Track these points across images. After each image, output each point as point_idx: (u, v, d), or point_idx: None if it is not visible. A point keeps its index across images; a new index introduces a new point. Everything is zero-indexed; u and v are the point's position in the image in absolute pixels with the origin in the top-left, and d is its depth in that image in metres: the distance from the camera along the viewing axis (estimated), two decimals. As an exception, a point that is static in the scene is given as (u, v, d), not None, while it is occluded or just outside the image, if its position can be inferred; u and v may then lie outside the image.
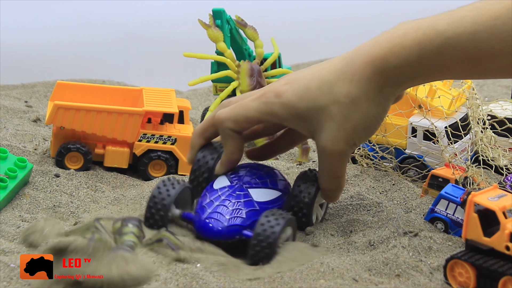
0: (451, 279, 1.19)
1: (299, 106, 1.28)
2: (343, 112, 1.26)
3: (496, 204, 1.16)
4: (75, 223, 1.43)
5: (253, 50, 1.93)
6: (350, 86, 1.25)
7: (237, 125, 1.33)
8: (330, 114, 1.26)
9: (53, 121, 1.60)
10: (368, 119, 1.27)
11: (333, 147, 1.27)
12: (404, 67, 1.23)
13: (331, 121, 1.26)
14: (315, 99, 1.27)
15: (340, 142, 1.27)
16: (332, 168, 1.31)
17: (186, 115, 1.74)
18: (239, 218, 1.30)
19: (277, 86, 1.31)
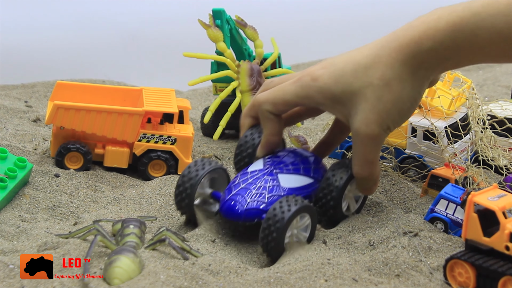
0: (451, 279, 1.19)
1: (334, 90, 1.30)
2: (376, 94, 1.27)
3: (496, 204, 1.16)
4: (74, 223, 1.43)
5: (253, 50, 1.93)
6: (385, 68, 1.27)
7: (275, 108, 1.36)
8: (364, 97, 1.28)
9: (53, 121, 1.60)
10: (402, 101, 1.28)
11: (366, 129, 1.28)
12: (438, 49, 1.25)
13: (365, 103, 1.28)
14: (350, 83, 1.29)
15: (373, 124, 1.28)
16: (364, 152, 1.32)
17: (186, 115, 1.74)
18: (260, 202, 1.32)
19: (314, 70, 1.33)
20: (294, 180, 1.36)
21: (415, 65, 1.26)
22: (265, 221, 1.27)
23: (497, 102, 1.73)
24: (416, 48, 1.25)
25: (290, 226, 1.28)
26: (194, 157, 1.76)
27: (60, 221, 1.44)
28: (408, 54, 1.26)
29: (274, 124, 1.38)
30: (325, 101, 1.32)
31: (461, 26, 1.23)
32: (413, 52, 1.26)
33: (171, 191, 1.57)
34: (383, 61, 1.28)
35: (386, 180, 1.59)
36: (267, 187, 1.34)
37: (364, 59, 1.30)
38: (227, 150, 1.82)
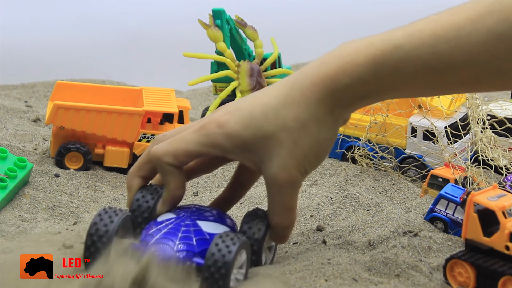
0: (451, 279, 1.19)
1: (244, 135, 1.19)
2: (292, 138, 1.17)
3: (495, 204, 1.15)
4: (74, 223, 1.43)
5: (253, 50, 1.93)
6: (298, 109, 1.17)
7: (176, 160, 1.22)
8: (278, 141, 1.18)
9: (53, 121, 1.60)
10: (319, 143, 1.19)
11: (284, 175, 1.18)
12: (356, 85, 1.15)
13: (280, 148, 1.18)
14: (261, 126, 1.18)
15: (291, 169, 1.18)
16: (283, 199, 1.21)
17: (186, 115, 1.74)
18: (189, 244, 1.20)
19: (218, 117, 1.21)
20: (213, 227, 1.24)
21: (332, 103, 1.17)
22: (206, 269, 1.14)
23: (497, 102, 1.73)
24: (332, 85, 1.15)
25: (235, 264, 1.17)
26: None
27: (60, 221, 1.44)
28: (323, 92, 1.16)
29: (177, 177, 1.24)
30: (234, 148, 1.20)
31: (382, 60, 1.14)
32: (329, 90, 1.16)
33: (171, 191, 1.56)
34: (296, 101, 1.17)
35: (386, 180, 1.59)
36: (191, 231, 1.22)
37: (273, 101, 1.19)
38: (227, 150, 1.81)
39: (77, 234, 1.34)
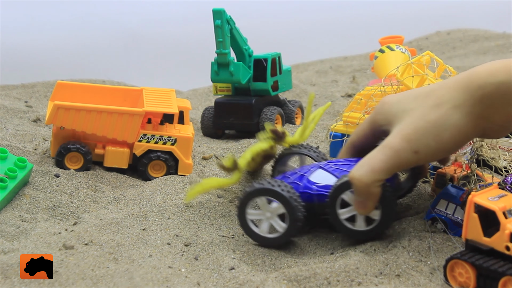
0: (451, 279, 1.19)
1: (393, 110, 1.25)
2: (423, 112, 1.21)
3: (496, 204, 1.15)
4: (74, 223, 1.43)
5: (253, 50, 1.93)
6: (445, 91, 1.21)
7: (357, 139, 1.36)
8: (412, 113, 1.22)
9: (53, 121, 1.60)
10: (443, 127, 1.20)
11: (393, 138, 1.21)
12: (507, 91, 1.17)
13: (409, 118, 1.22)
14: (408, 103, 1.24)
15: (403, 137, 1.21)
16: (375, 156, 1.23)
17: (186, 115, 1.74)
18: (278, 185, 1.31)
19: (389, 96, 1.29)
20: (323, 177, 1.33)
21: (477, 96, 1.18)
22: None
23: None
24: (487, 78, 1.18)
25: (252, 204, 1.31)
26: (194, 157, 1.76)
27: (60, 221, 1.44)
28: (475, 82, 1.19)
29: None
30: (385, 122, 1.27)
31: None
32: (481, 82, 1.18)
33: (171, 191, 1.57)
34: (447, 86, 1.22)
35: (386, 180, 1.59)
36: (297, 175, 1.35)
37: (434, 85, 1.25)
38: (227, 150, 1.82)
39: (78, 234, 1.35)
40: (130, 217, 1.45)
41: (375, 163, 1.23)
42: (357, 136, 1.35)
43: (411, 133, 1.21)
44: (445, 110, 1.20)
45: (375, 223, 1.30)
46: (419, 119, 1.21)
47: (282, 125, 1.94)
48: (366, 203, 1.26)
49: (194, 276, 1.24)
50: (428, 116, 1.21)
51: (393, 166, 1.23)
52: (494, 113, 1.21)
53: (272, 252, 1.33)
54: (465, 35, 3.12)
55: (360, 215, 1.29)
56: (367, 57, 2.81)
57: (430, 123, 1.20)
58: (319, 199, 1.32)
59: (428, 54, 1.61)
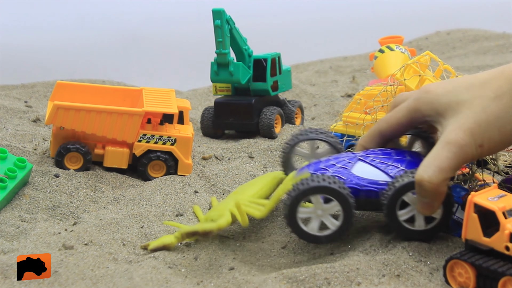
0: (451, 279, 1.19)
1: (442, 100, 1.22)
2: (483, 104, 1.18)
3: (496, 204, 1.15)
4: (74, 223, 1.43)
5: (253, 50, 1.93)
6: (504, 81, 1.19)
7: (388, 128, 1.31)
8: (470, 105, 1.19)
9: (53, 121, 1.60)
10: (506, 119, 1.18)
11: (457, 133, 1.18)
12: None
13: (469, 110, 1.19)
14: (460, 93, 1.21)
15: (467, 131, 1.18)
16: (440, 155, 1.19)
17: (186, 115, 1.74)
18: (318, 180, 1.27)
19: (432, 84, 1.26)
20: (368, 171, 1.30)
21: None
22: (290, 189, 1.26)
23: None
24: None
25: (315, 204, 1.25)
26: (194, 157, 1.76)
27: (60, 221, 1.44)
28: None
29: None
30: (431, 112, 1.24)
31: None
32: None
33: (171, 191, 1.57)
34: (505, 75, 1.19)
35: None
36: (335, 166, 1.30)
37: (485, 75, 1.22)
38: (227, 151, 1.82)
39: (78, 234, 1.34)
40: (130, 217, 1.45)
41: (442, 162, 1.19)
42: (388, 124, 1.30)
43: (475, 127, 1.18)
44: (507, 101, 1.18)
45: (436, 222, 1.28)
46: (481, 111, 1.18)
47: (282, 125, 1.94)
48: (433, 203, 1.23)
49: (194, 276, 1.24)
50: (490, 108, 1.18)
51: (459, 163, 1.20)
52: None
53: (272, 252, 1.33)
54: (465, 35, 3.12)
55: (420, 215, 1.27)
56: (367, 57, 2.81)
57: (493, 115, 1.18)
58: (366, 195, 1.29)
59: (428, 54, 1.61)
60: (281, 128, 1.94)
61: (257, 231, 1.40)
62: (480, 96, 1.19)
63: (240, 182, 1.63)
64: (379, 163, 1.30)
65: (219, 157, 1.78)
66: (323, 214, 1.28)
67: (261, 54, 1.94)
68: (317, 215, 1.27)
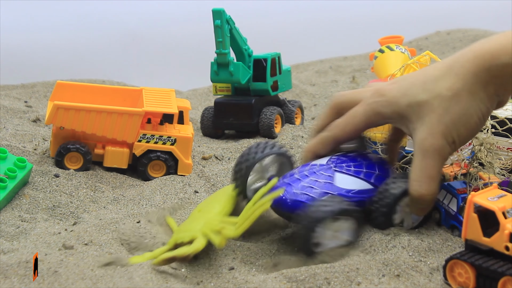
0: (451, 279, 1.19)
1: (401, 102, 1.28)
2: (444, 105, 1.24)
3: (495, 204, 1.15)
4: (74, 223, 1.43)
5: (253, 50, 1.93)
6: (455, 79, 1.24)
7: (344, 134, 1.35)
8: (431, 108, 1.25)
9: (53, 121, 1.60)
10: (469, 114, 1.24)
11: (430, 140, 1.25)
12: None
13: (432, 114, 1.25)
14: (417, 94, 1.26)
15: (438, 135, 1.25)
16: (426, 165, 1.27)
17: (186, 115, 1.74)
18: (308, 196, 1.29)
19: (384, 86, 1.31)
20: (350, 182, 1.33)
21: (487, 78, 1.23)
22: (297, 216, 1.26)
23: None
24: (491, 61, 1.22)
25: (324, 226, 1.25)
26: (194, 157, 1.76)
27: (60, 221, 1.44)
28: (481, 66, 1.22)
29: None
30: (393, 114, 1.29)
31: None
32: (486, 65, 1.22)
33: (171, 191, 1.57)
34: (455, 72, 1.25)
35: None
36: (319, 183, 1.31)
37: (435, 71, 1.27)
38: (227, 150, 1.82)
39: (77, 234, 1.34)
40: (130, 217, 1.45)
41: (430, 171, 1.27)
42: (344, 132, 1.35)
43: (443, 129, 1.25)
44: (465, 99, 1.24)
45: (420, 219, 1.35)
46: (444, 113, 1.24)
47: (282, 125, 1.94)
48: (428, 207, 1.31)
49: (194, 276, 1.24)
50: (451, 108, 1.24)
51: (442, 165, 1.28)
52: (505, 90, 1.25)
53: (272, 252, 1.33)
54: (465, 35, 3.12)
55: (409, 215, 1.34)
56: (367, 57, 2.81)
57: (455, 114, 1.24)
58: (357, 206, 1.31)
59: (428, 54, 1.61)
60: (281, 128, 1.94)
61: (257, 231, 1.40)
62: (437, 95, 1.25)
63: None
64: (355, 171, 1.34)
65: (219, 157, 1.78)
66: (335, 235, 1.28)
67: (261, 54, 1.94)
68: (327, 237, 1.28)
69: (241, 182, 1.37)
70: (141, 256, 1.29)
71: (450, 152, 1.26)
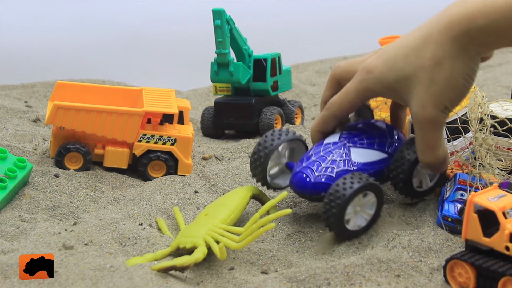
0: (451, 279, 1.19)
1: (389, 78, 1.30)
2: (428, 75, 1.26)
3: (496, 205, 1.15)
4: (74, 223, 1.43)
5: (253, 50, 1.93)
6: (435, 47, 1.26)
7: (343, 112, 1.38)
8: (417, 80, 1.27)
9: (53, 121, 1.60)
10: (454, 78, 1.26)
11: (423, 112, 1.28)
12: (492, 27, 1.22)
13: (418, 86, 1.27)
14: (402, 68, 1.29)
15: (429, 106, 1.27)
16: (424, 136, 1.31)
17: (186, 115, 1.74)
18: (327, 176, 1.33)
19: (369, 62, 1.34)
20: (366, 154, 1.37)
21: (466, 42, 1.24)
22: (327, 196, 1.28)
23: (498, 102, 1.72)
24: (468, 25, 1.23)
25: (352, 203, 1.29)
26: (194, 157, 1.76)
27: (60, 221, 1.44)
28: (458, 31, 1.24)
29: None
30: (383, 89, 1.32)
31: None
32: (464, 29, 1.23)
33: (171, 191, 1.57)
34: (433, 40, 1.26)
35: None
36: (337, 161, 1.35)
37: (415, 41, 1.29)
38: (227, 150, 1.82)
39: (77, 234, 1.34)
40: (130, 217, 1.45)
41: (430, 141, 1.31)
42: (342, 108, 1.38)
43: (432, 99, 1.27)
44: (448, 66, 1.26)
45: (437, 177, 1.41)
46: (431, 83, 1.27)
47: (282, 125, 1.94)
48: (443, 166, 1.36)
49: (194, 276, 1.24)
50: (437, 77, 1.26)
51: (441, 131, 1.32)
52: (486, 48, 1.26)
53: (272, 252, 1.33)
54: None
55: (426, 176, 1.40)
56: (367, 57, 2.80)
57: (442, 82, 1.26)
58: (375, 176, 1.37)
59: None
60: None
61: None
62: (421, 67, 1.27)
63: (240, 182, 1.63)
64: (368, 144, 1.38)
65: (219, 157, 1.78)
66: (360, 209, 1.32)
67: (261, 54, 1.94)
68: (355, 212, 1.32)
69: (261, 171, 1.41)
70: (142, 257, 1.29)
71: (445, 117, 1.29)
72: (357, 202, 1.30)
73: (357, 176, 1.29)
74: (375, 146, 1.38)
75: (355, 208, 1.31)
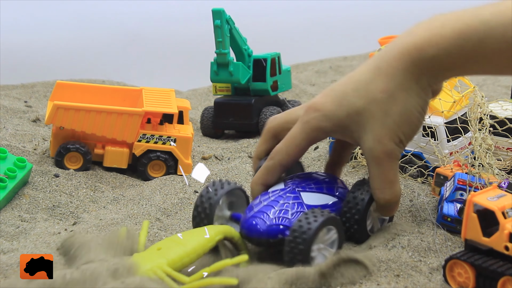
0: (451, 279, 1.19)
1: (339, 114, 1.25)
2: (382, 109, 1.22)
3: (495, 204, 1.15)
4: (74, 223, 1.43)
5: (252, 50, 1.93)
6: (386, 79, 1.22)
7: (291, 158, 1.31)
8: (370, 114, 1.23)
9: (53, 121, 1.60)
10: (409, 111, 1.22)
11: (380, 146, 1.23)
12: (442, 57, 1.19)
13: (372, 120, 1.23)
14: (353, 103, 1.24)
15: (385, 139, 1.23)
16: (382, 172, 1.26)
17: (186, 115, 1.74)
18: (283, 218, 1.27)
19: (315, 101, 1.28)
20: (317, 198, 1.31)
21: (418, 72, 1.21)
22: (290, 234, 1.22)
23: (497, 102, 1.73)
24: (419, 55, 1.20)
25: (317, 239, 1.23)
26: (194, 157, 1.76)
27: (60, 221, 1.44)
28: (409, 62, 1.21)
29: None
30: (333, 127, 1.26)
31: (468, 35, 1.17)
32: (415, 60, 1.20)
33: (171, 191, 1.57)
34: (383, 72, 1.22)
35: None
36: (290, 204, 1.29)
37: (364, 75, 1.24)
38: (226, 150, 1.82)
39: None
40: (130, 217, 1.45)
41: (388, 176, 1.26)
42: (289, 155, 1.31)
43: (389, 132, 1.23)
44: (401, 98, 1.22)
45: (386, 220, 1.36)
46: (385, 116, 1.23)
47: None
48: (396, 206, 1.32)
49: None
50: (391, 110, 1.22)
51: (397, 166, 1.27)
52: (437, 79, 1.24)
53: (272, 252, 1.33)
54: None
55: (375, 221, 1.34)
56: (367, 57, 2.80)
57: (396, 115, 1.22)
58: None
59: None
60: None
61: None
62: (373, 100, 1.23)
63: (240, 182, 1.63)
64: (317, 188, 1.32)
65: (219, 157, 1.78)
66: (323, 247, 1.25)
67: (261, 54, 1.94)
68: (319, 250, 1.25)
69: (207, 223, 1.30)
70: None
71: (401, 151, 1.25)
72: (321, 239, 1.24)
73: (319, 211, 1.24)
74: (324, 190, 1.33)
75: (319, 246, 1.24)
